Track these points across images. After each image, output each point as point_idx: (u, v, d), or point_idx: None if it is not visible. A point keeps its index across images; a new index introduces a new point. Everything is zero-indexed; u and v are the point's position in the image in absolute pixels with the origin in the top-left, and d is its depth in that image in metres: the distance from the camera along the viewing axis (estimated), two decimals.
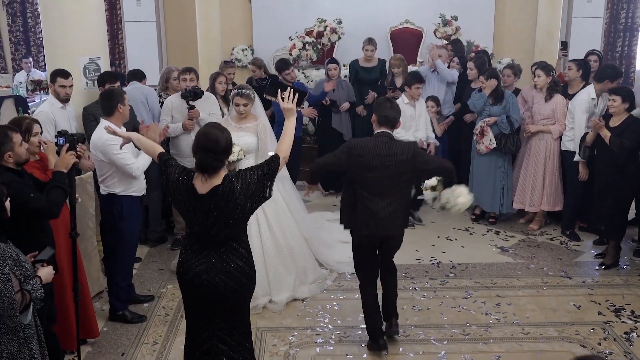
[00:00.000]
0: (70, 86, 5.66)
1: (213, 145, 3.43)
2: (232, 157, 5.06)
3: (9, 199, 3.37)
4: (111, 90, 5.12)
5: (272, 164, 3.56)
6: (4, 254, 3.17)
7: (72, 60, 5.93)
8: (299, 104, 3.88)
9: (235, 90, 5.58)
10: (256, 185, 3.48)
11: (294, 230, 5.78)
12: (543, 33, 9.90)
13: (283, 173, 5.79)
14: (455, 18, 9.43)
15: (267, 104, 7.51)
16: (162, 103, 6.62)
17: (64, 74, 5.59)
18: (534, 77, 6.80)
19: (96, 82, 6.07)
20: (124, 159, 4.85)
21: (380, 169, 4.43)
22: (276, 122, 7.39)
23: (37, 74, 10.91)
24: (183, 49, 10.66)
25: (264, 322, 5.19)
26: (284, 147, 3.68)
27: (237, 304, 3.61)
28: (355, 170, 4.50)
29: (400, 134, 6.05)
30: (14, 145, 3.89)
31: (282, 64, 7.55)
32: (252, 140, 5.52)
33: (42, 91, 9.38)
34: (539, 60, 7.83)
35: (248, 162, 5.26)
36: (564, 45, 8.74)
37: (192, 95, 6.07)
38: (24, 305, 3.24)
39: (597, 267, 6.14)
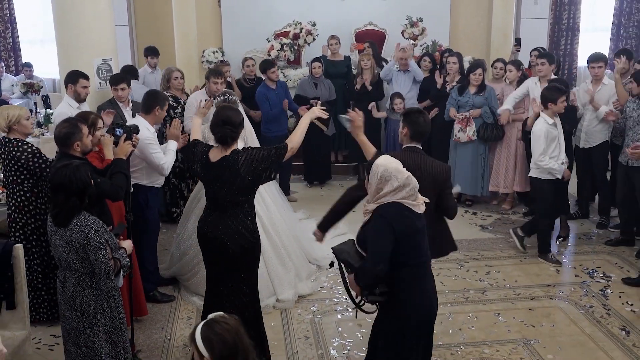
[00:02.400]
0: (89, 87, 6.03)
1: (230, 119, 4.12)
2: None
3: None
4: (157, 92, 5.67)
5: (279, 150, 4.17)
6: (99, 224, 3.62)
7: (86, 61, 6.26)
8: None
9: (221, 97, 5.65)
10: (259, 162, 4.08)
11: (285, 229, 5.98)
12: (499, 33, 10.73)
13: None
14: (421, 20, 10.12)
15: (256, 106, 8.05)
16: None
17: (85, 75, 5.91)
18: (505, 72, 7.55)
19: (108, 82, 6.43)
20: (158, 158, 5.28)
21: None
22: (264, 121, 7.91)
23: (10, 79, 11.04)
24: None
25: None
26: (295, 138, 4.28)
27: (242, 263, 4.26)
28: None
29: (543, 162, 6.07)
30: (83, 136, 4.31)
31: (267, 64, 7.99)
32: (240, 145, 5.41)
33: (34, 94, 9.56)
34: (495, 58, 8.64)
35: None
36: (518, 42, 9.59)
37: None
38: (116, 271, 3.69)
39: (556, 241, 6.90)
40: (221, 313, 2.67)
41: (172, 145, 5.47)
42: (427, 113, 4.56)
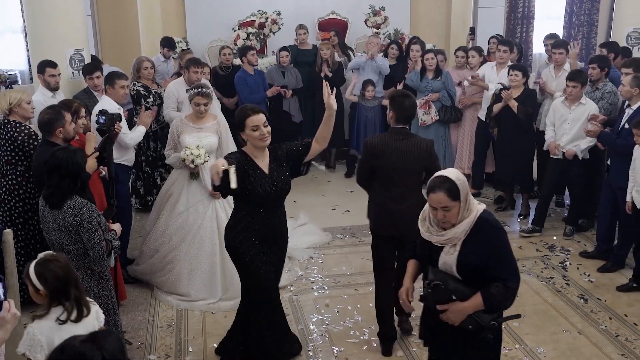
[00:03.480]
0: (59, 74, 6.11)
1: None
2: (199, 160, 5.28)
3: None
4: (111, 72, 5.89)
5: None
6: (91, 207, 3.77)
7: (58, 51, 6.33)
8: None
9: (196, 90, 5.41)
10: None
11: None
12: (458, 21, 11.07)
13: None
14: (383, 8, 10.37)
15: (232, 93, 8.23)
16: (136, 92, 7.09)
17: (52, 64, 6.05)
18: (468, 58, 7.88)
19: (81, 72, 6.52)
20: (122, 129, 5.48)
21: (395, 164, 4.43)
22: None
23: None
24: (121, 41, 10.91)
25: None
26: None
27: None
28: (375, 166, 4.53)
29: (549, 133, 6.61)
30: (65, 123, 4.44)
31: (246, 48, 8.42)
32: (214, 140, 5.47)
33: (1, 85, 9.52)
34: (454, 45, 9.02)
35: (209, 164, 5.23)
36: (472, 31, 9.97)
37: None
38: (107, 251, 3.85)
39: (518, 219, 7.30)
40: (51, 252, 3.17)
41: (141, 129, 5.82)
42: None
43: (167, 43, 9.22)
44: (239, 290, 5.20)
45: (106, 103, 5.51)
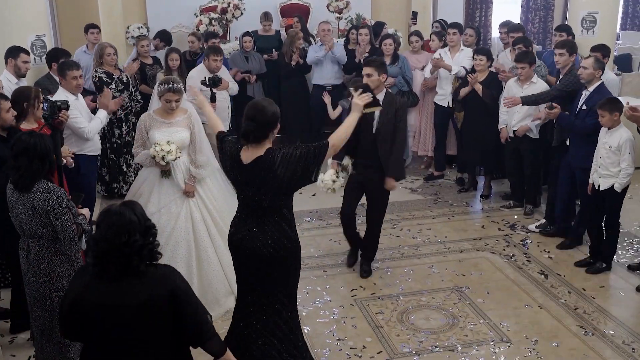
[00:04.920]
0: (30, 62, 6.06)
1: (258, 114, 3.60)
2: (170, 157, 4.90)
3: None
4: (62, 62, 5.81)
5: (320, 148, 3.62)
6: (60, 191, 3.79)
7: (20, 38, 6.25)
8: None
9: (166, 85, 4.95)
10: (297, 162, 3.57)
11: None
12: (418, 5, 11.19)
13: (214, 164, 5.33)
14: None
15: None
16: (98, 78, 7.03)
17: (26, 50, 5.99)
18: (431, 41, 8.01)
19: (43, 58, 6.44)
20: (77, 122, 5.54)
21: None
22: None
23: None
24: (81, 27, 10.71)
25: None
26: (337, 136, 3.73)
27: (279, 271, 3.80)
28: None
29: (502, 117, 6.92)
30: (1, 110, 4.39)
31: (210, 35, 8.51)
32: (186, 135, 5.09)
33: None
34: (415, 30, 9.14)
35: (182, 159, 5.06)
36: (415, 16, 10.09)
37: (213, 83, 6.23)
38: (78, 234, 3.86)
39: (480, 200, 7.48)
40: None
41: (101, 114, 5.84)
42: None
43: (164, 37, 9.15)
44: (217, 297, 5.14)
45: (62, 94, 5.45)
